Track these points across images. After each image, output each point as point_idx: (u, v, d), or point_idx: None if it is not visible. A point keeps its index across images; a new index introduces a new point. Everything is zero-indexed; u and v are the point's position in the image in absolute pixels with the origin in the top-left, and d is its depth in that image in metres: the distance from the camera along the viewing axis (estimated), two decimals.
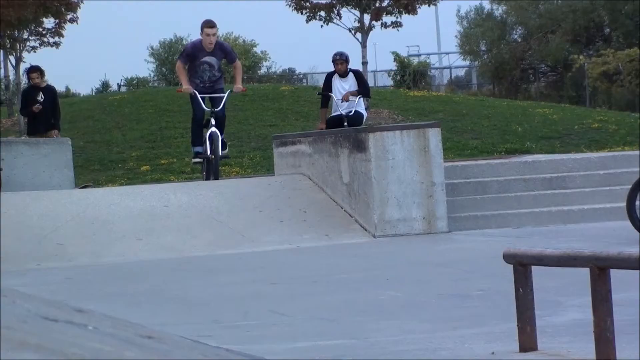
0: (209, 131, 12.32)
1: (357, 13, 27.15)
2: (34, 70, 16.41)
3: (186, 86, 12.55)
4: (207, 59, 12.63)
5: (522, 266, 5.30)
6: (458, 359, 5.40)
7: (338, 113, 14.22)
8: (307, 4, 27.53)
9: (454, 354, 5.50)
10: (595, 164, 13.82)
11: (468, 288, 7.79)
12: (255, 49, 53.43)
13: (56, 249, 10.88)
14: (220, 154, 12.55)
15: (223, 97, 12.61)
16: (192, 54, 12.77)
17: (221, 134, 12.50)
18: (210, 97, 12.56)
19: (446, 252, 10.72)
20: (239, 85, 12.98)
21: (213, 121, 12.35)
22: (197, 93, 12.48)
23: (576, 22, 35.62)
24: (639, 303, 5.46)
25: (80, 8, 26.82)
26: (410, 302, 7.71)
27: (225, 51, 13.07)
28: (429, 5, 27.44)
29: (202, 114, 12.61)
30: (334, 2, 27.50)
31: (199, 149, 12.61)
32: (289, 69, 55.99)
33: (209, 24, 12.65)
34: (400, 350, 5.68)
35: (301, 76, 50.70)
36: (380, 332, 6.34)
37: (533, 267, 5.29)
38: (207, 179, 12.73)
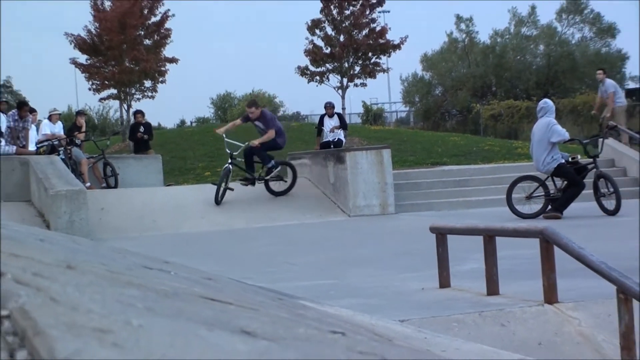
0: (225, 167, 16.71)
1: (339, 77, 40.40)
2: (138, 112, 23.54)
3: (222, 129, 17.03)
4: (256, 122, 16.98)
5: (441, 235, 7.46)
6: (401, 291, 7.45)
7: (327, 139, 20.48)
8: (307, 72, 40.96)
9: (399, 289, 7.60)
10: (486, 171, 19.82)
11: (408, 248, 10.82)
12: (275, 99, 66.35)
13: (151, 223, 15.34)
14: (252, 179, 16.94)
15: (241, 145, 16.77)
16: (248, 117, 17.04)
17: (264, 162, 16.84)
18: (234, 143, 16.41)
19: (394, 226, 14.59)
20: (254, 141, 16.77)
21: (230, 159, 16.56)
22: (224, 136, 16.68)
23: (475, 83, 50.22)
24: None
25: (167, 74, 39.42)
26: (372, 257, 10.63)
27: (266, 119, 16.90)
28: (383, 73, 41.80)
29: (229, 152, 16.66)
30: (324, 71, 40.86)
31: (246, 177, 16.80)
32: (297, 111, 69.62)
33: (249, 104, 17.65)
34: (364, 287, 7.87)
35: (304, 116, 62.94)
36: (353, 276, 8.85)
37: (448, 236, 7.42)
38: (217, 203, 16.45)
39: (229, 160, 15.85)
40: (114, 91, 39.59)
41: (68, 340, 1.42)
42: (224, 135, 16.40)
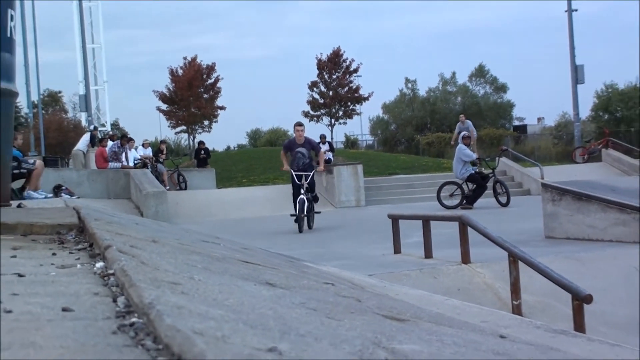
0: (300, 197, 10.83)
1: (329, 118, 41.43)
2: (200, 142, 24.34)
3: (286, 167, 11.35)
4: (299, 149, 11.14)
5: (395, 219, 7.44)
6: (369, 255, 7.48)
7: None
8: (309, 114, 41.54)
9: (368, 254, 7.59)
10: (423, 178, 19.79)
11: (374, 228, 10.37)
12: (288, 132, 68.52)
13: (209, 213, 15.03)
14: (311, 211, 11.25)
15: (310, 174, 11.10)
16: (289, 146, 11.40)
17: (312, 192, 11.31)
18: (304, 175, 11.02)
19: (365, 214, 14.32)
20: (321, 167, 12.06)
21: (303, 190, 10.94)
22: (292, 171, 11.09)
23: (417, 122, 49.31)
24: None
25: (218, 116, 41.10)
26: (351, 234, 10.55)
27: (312, 144, 11.46)
28: (357, 115, 44.33)
29: (298, 186, 10.97)
30: (320, 114, 41.73)
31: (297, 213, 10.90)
32: None
33: (298, 123, 11.45)
34: (346, 253, 7.80)
35: None
36: (338, 246, 8.72)
37: (399, 220, 7.40)
38: (301, 232, 10.64)
39: (302, 191, 11.01)
40: (184, 127, 40.76)
41: (151, 290, 1.40)
42: (292, 171, 11.23)
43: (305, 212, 10.83)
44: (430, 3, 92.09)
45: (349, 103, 41.84)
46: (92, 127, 23.81)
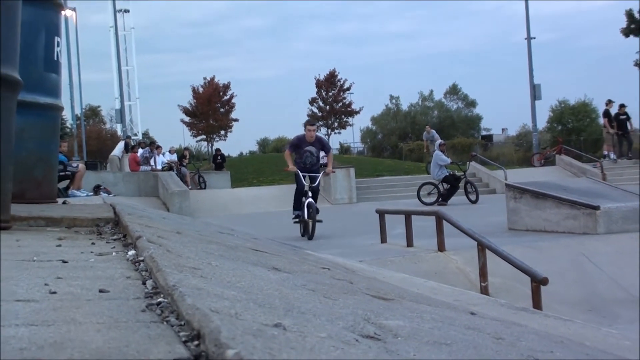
0: (307, 201, 8.46)
1: (326, 128, 40.20)
2: (217, 149, 25.17)
3: (292, 167, 8.58)
4: (309, 148, 8.63)
5: (382, 214, 7.28)
6: (360, 244, 7.25)
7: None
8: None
9: (359, 244, 7.34)
10: (406, 179, 19.39)
11: (364, 221, 10.05)
12: None
13: (224, 208, 14.91)
14: (315, 219, 8.48)
15: (318, 177, 8.72)
16: (297, 144, 8.73)
17: (315, 202, 8.63)
18: (309, 175, 8.70)
19: (356, 210, 14.05)
20: (330, 168, 9.21)
21: (310, 193, 8.52)
22: (299, 172, 8.57)
23: (400, 132, 48.54)
24: None
25: (233, 127, 40.14)
26: (344, 226, 10.32)
27: (322, 143, 8.92)
28: (350, 126, 43.21)
29: (303, 187, 8.63)
30: (318, 125, 41.49)
31: (298, 212, 8.73)
32: None
33: (310, 122, 8.94)
34: (340, 243, 7.65)
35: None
36: (334, 237, 8.50)
37: (385, 215, 7.23)
38: (304, 236, 8.51)
39: (309, 194, 8.61)
40: (203, 136, 40.49)
41: (175, 274, 1.39)
42: (299, 171, 8.68)
43: (308, 216, 8.48)
44: (413, 32, 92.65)
45: (343, 116, 42.09)
46: (126, 136, 23.80)
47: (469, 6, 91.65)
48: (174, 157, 20.18)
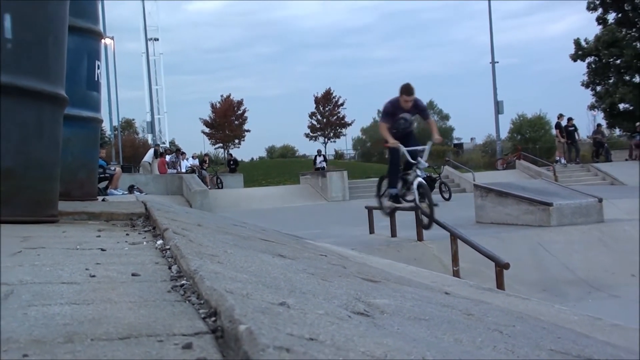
0: (417, 181, 5.56)
1: (323, 138, 41.88)
2: (230, 154, 23.56)
3: (392, 141, 5.51)
4: (404, 115, 5.62)
5: (370, 210, 7.16)
6: (352, 235, 7.16)
7: (318, 167, 20.21)
8: (308, 135, 41.90)
9: (351, 234, 7.29)
10: None
11: (356, 216, 9.15)
12: (294, 147, 63.21)
13: (238, 205, 14.22)
14: (432, 201, 5.55)
15: (425, 149, 5.57)
16: (392, 111, 5.63)
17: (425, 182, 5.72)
18: (414, 149, 5.59)
19: (348, 206, 13.28)
20: (437, 137, 5.58)
21: (419, 172, 5.57)
22: (402, 147, 5.54)
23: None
24: None
25: (246, 136, 41.32)
26: (338, 220, 10.08)
27: (419, 108, 5.73)
28: (344, 136, 43.56)
29: (401, 164, 5.82)
30: (316, 135, 42.08)
31: (395, 191, 5.90)
32: (304, 153, 70.63)
33: (408, 91, 5.54)
34: (335, 233, 7.51)
35: (306, 155, 62.96)
36: (330, 228, 8.36)
37: (373, 210, 6.99)
38: (424, 227, 5.82)
39: (418, 172, 5.54)
40: (221, 144, 40.59)
41: (196, 260, 1.38)
42: (402, 146, 5.54)
43: (429, 201, 5.53)
44: (395, 58, 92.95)
45: (337, 127, 42.42)
46: (155, 144, 23.76)
47: (444, 37, 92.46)
48: (196, 161, 20.15)
